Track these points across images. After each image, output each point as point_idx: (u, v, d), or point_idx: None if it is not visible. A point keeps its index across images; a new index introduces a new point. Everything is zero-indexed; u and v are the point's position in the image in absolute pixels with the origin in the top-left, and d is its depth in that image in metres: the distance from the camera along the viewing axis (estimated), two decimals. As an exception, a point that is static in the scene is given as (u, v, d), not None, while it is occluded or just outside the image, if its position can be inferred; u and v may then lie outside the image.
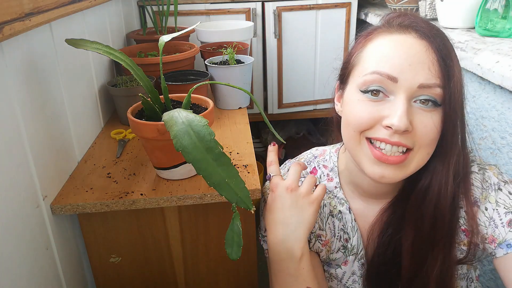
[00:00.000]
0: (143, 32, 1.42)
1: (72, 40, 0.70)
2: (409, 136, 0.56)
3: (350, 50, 0.65)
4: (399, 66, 0.55)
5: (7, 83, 0.61)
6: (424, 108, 0.56)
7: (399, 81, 0.55)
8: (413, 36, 0.57)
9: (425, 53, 0.56)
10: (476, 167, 0.66)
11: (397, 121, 0.54)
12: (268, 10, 1.60)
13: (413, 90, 0.55)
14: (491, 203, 0.63)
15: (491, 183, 0.64)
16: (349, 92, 0.63)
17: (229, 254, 0.55)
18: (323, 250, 0.73)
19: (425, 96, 0.56)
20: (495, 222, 0.62)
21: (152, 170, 0.82)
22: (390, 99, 0.57)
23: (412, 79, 0.55)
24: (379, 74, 0.56)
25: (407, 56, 0.56)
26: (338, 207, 0.71)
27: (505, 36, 1.05)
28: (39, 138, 0.69)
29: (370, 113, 0.57)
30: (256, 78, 1.72)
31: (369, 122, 0.58)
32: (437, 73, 0.55)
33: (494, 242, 0.62)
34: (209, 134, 0.53)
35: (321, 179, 0.74)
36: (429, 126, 0.56)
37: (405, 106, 0.55)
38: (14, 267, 0.59)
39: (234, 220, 0.55)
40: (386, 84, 0.56)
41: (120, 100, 1.02)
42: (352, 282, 0.74)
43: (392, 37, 0.58)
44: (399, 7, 1.51)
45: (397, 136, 0.56)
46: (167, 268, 0.84)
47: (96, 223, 0.78)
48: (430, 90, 0.55)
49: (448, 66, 0.56)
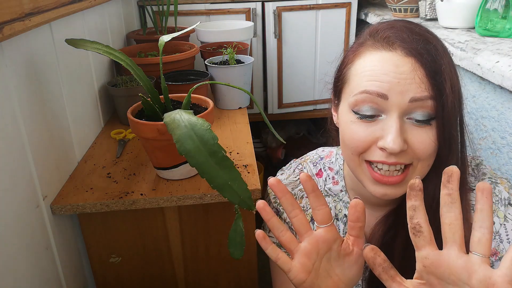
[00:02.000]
0: (143, 32, 1.42)
1: (72, 40, 0.70)
2: (405, 153, 0.56)
3: (342, 61, 0.65)
4: (388, 84, 0.55)
5: (7, 83, 0.61)
6: (418, 124, 0.56)
7: (389, 98, 0.55)
8: (399, 53, 0.56)
9: (413, 72, 0.55)
10: (488, 180, 0.65)
11: (391, 144, 0.54)
12: (268, 10, 1.60)
13: (405, 106, 0.55)
14: (499, 217, 0.63)
15: (501, 198, 0.64)
16: (342, 110, 0.62)
17: (232, 254, 0.55)
18: None
19: (419, 116, 0.55)
20: (500, 237, 0.62)
21: (152, 170, 0.82)
22: (382, 118, 0.56)
23: (402, 94, 0.54)
24: (368, 93, 0.56)
25: (395, 74, 0.55)
26: (344, 211, 0.71)
27: (505, 36, 1.05)
28: (39, 138, 0.69)
29: (364, 135, 0.57)
30: (256, 78, 1.72)
31: (365, 145, 0.57)
32: (426, 86, 0.54)
33: (496, 255, 0.63)
34: (212, 138, 0.53)
35: (326, 182, 0.73)
36: (426, 142, 0.56)
37: (397, 126, 0.54)
38: (14, 267, 0.59)
39: (237, 221, 0.55)
40: (377, 102, 0.55)
41: (120, 100, 1.02)
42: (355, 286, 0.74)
43: (379, 54, 0.57)
44: (399, 7, 1.51)
45: (393, 157, 0.56)
46: (167, 268, 0.84)
47: (96, 223, 0.78)
48: (422, 103, 0.54)
49: (438, 80, 0.55)
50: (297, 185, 0.75)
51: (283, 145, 2.07)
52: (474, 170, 0.68)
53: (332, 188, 0.73)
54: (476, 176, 0.67)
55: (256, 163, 0.94)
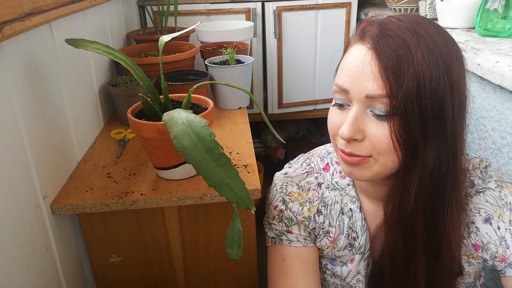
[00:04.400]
0: (143, 32, 1.42)
1: (72, 40, 0.70)
2: (362, 145, 0.57)
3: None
4: (350, 78, 0.57)
5: (7, 83, 0.61)
6: (376, 118, 0.56)
7: (350, 92, 0.57)
8: (366, 46, 0.56)
9: (368, 65, 0.54)
10: (493, 183, 0.65)
11: (342, 130, 0.57)
12: (268, 10, 1.60)
13: (363, 101, 0.56)
14: (504, 222, 0.63)
15: (507, 202, 0.64)
16: None
17: (230, 254, 0.55)
18: (329, 247, 0.73)
19: (377, 110, 0.55)
20: (506, 243, 0.63)
21: (152, 170, 0.82)
22: (350, 108, 0.59)
23: (359, 90, 0.56)
24: (336, 86, 0.59)
25: (356, 68, 0.56)
26: (349, 205, 0.72)
27: (505, 36, 1.05)
28: (39, 138, 0.69)
29: (335, 121, 0.60)
30: (256, 78, 1.72)
31: (335, 130, 0.60)
32: (383, 83, 0.53)
33: (505, 261, 0.63)
34: (209, 135, 0.53)
35: (334, 176, 0.74)
36: (380, 136, 0.55)
37: (353, 115, 0.56)
38: (14, 267, 0.59)
39: (234, 220, 0.55)
40: (344, 94, 0.58)
41: (120, 100, 1.02)
42: (356, 281, 0.74)
43: (354, 48, 0.59)
44: (399, 7, 1.51)
45: (350, 146, 0.58)
46: (167, 268, 0.84)
47: (96, 223, 0.78)
48: (378, 100, 0.54)
49: (397, 76, 0.53)
50: (304, 178, 0.75)
51: (283, 145, 2.07)
52: (482, 173, 0.67)
53: (339, 182, 0.73)
54: (484, 178, 0.67)
55: (256, 163, 0.94)
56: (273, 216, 0.74)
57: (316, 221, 0.72)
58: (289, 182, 0.74)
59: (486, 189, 0.65)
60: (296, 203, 0.72)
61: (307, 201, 0.72)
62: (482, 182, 0.66)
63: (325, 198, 0.73)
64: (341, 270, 0.74)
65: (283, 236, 0.73)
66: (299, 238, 0.73)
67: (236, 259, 0.55)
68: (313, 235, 0.74)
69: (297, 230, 0.73)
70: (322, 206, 0.73)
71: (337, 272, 0.74)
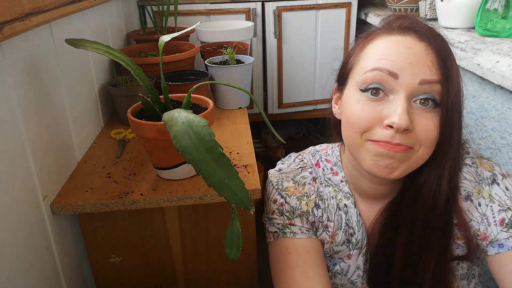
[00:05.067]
0: (143, 32, 1.42)
1: (72, 40, 0.70)
2: (409, 136, 0.56)
3: (349, 51, 0.66)
4: (400, 63, 0.56)
5: (7, 83, 0.61)
6: (424, 108, 0.56)
7: (400, 77, 0.55)
8: (413, 37, 0.58)
9: (425, 53, 0.56)
10: (469, 159, 0.65)
11: (398, 119, 0.54)
12: (268, 10, 1.60)
13: (414, 87, 0.55)
14: (484, 198, 0.63)
15: (483, 177, 0.64)
16: (348, 92, 0.62)
17: (228, 255, 0.55)
18: (328, 242, 0.73)
19: (425, 95, 0.56)
20: (488, 220, 0.62)
21: (152, 170, 0.82)
22: (390, 98, 0.57)
23: (413, 75, 0.55)
24: (380, 70, 0.56)
25: (408, 55, 0.56)
26: (344, 200, 0.72)
27: (505, 36, 1.05)
28: (39, 138, 0.69)
29: (370, 113, 0.57)
30: (256, 78, 1.72)
31: (369, 123, 0.57)
32: (437, 71, 0.56)
33: (486, 239, 0.62)
34: (209, 134, 0.53)
35: (325, 172, 0.74)
36: (429, 127, 0.56)
37: (405, 105, 0.55)
38: (14, 267, 0.59)
39: (234, 220, 0.55)
40: (387, 81, 0.56)
41: (120, 100, 1.02)
42: (357, 277, 0.74)
43: (392, 37, 0.59)
44: (399, 7, 1.51)
45: (398, 137, 0.56)
46: (167, 268, 0.84)
47: (96, 223, 0.78)
48: (431, 86, 0.55)
49: (447, 67, 0.56)
50: (298, 172, 0.75)
51: (283, 145, 2.07)
52: (460, 149, 0.67)
53: (332, 179, 0.73)
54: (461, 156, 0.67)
55: (256, 163, 0.94)
56: (272, 210, 0.73)
57: (315, 214, 0.72)
58: (284, 178, 0.74)
59: (463, 165, 0.65)
60: (293, 197, 0.72)
61: (304, 195, 0.72)
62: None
63: (321, 193, 0.73)
64: (340, 267, 0.74)
65: (286, 229, 0.71)
66: (303, 230, 0.71)
67: (235, 259, 0.55)
68: (314, 228, 0.74)
69: (300, 222, 0.71)
70: (319, 200, 0.72)
71: (338, 270, 0.74)
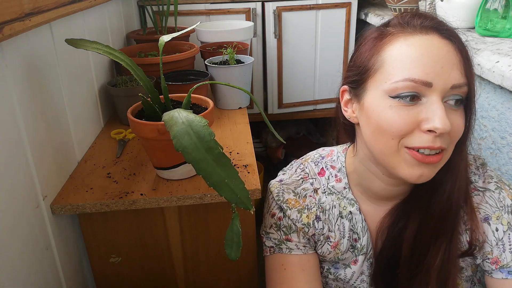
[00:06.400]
0: (143, 32, 1.42)
1: (72, 40, 0.70)
2: (446, 136, 0.57)
3: (361, 54, 0.62)
4: (432, 70, 0.55)
5: (7, 83, 0.61)
6: (454, 107, 0.57)
7: (434, 85, 0.55)
8: (437, 37, 0.57)
9: (453, 54, 0.56)
10: (493, 185, 0.66)
11: (441, 124, 0.54)
12: (268, 10, 1.60)
13: (446, 92, 0.56)
14: (503, 225, 0.63)
15: (505, 205, 0.64)
16: (372, 98, 0.60)
17: (229, 255, 0.55)
18: (331, 252, 0.73)
19: (456, 96, 0.57)
20: (504, 246, 0.63)
21: (152, 170, 0.82)
22: (423, 101, 0.56)
23: (445, 81, 0.55)
24: (413, 81, 0.55)
25: (438, 59, 0.55)
26: (348, 208, 0.71)
27: (505, 36, 1.05)
28: (39, 138, 0.69)
29: (407, 117, 0.56)
30: (256, 78, 1.72)
31: (408, 128, 0.56)
32: (464, 72, 0.57)
33: (497, 263, 0.63)
34: (209, 134, 0.53)
35: (329, 180, 0.73)
36: (460, 125, 0.58)
37: (442, 107, 0.55)
38: (14, 267, 0.59)
39: (234, 220, 0.55)
40: (420, 89, 0.55)
41: (120, 100, 1.02)
42: (360, 282, 0.74)
43: (415, 39, 0.57)
44: (399, 7, 1.51)
45: (438, 140, 0.55)
46: (167, 268, 0.84)
47: (96, 223, 0.78)
48: (460, 89, 0.57)
49: (470, 66, 0.58)
50: (299, 184, 0.75)
51: (283, 145, 2.07)
52: (479, 169, 0.68)
53: (335, 186, 0.73)
54: (480, 175, 0.67)
55: (256, 163, 0.94)
56: (270, 224, 0.74)
57: (315, 227, 0.72)
58: (285, 190, 0.73)
59: (486, 190, 0.65)
60: (294, 210, 0.72)
61: (305, 208, 0.72)
62: (481, 181, 0.66)
63: (322, 204, 0.72)
64: (344, 273, 0.74)
65: (282, 245, 0.72)
66: (299, 246, 0.72)
67: (235, 260, 0.55)
68: (313, 242, 0.73)
69: (296, 237, 0.72)
70: (320, 212, 0.72)
71: (341, 275, 0.74)
